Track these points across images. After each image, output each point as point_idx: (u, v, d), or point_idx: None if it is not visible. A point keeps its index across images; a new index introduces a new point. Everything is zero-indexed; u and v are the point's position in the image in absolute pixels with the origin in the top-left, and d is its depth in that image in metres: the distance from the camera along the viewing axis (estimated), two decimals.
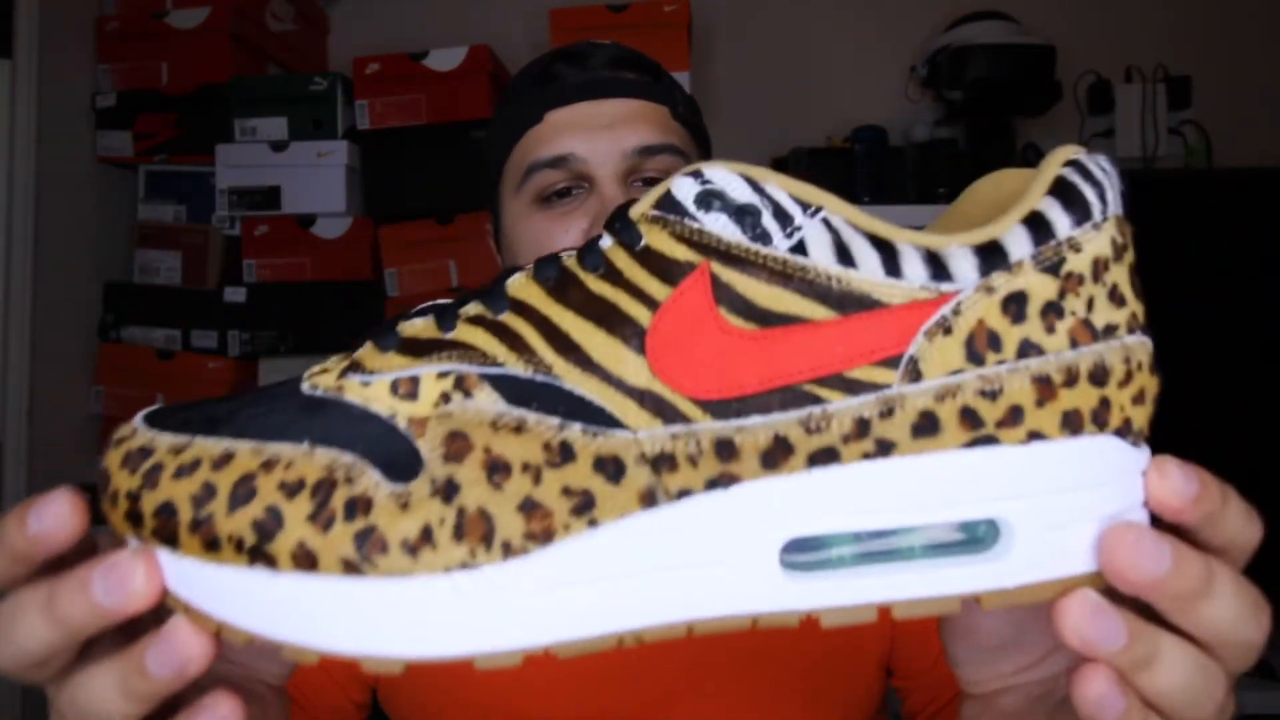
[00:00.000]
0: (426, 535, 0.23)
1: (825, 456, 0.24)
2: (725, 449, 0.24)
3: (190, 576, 0.24)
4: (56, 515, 0.25)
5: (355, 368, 0.26)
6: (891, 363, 0.24)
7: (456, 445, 0.24)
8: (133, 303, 1.68)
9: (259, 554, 0.23)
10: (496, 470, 0.24)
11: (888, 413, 0.24)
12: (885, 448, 0.24)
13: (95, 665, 0.25)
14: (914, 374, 0.24)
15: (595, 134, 0.59)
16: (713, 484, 0.24)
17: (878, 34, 1.88)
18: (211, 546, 0.24)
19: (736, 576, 0.24)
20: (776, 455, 0.24)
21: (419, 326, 0.26)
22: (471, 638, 0.23)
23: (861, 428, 0.24)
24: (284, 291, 1.64)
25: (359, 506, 0.24)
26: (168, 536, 0.24)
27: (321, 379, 0.26)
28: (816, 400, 0.24)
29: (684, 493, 0.24)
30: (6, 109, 1.48)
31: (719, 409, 0.24)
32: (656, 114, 0.61)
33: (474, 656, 0.23)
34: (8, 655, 0.25)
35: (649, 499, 0.24)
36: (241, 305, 1.65)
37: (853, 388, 0.24)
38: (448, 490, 0.24)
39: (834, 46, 1.89)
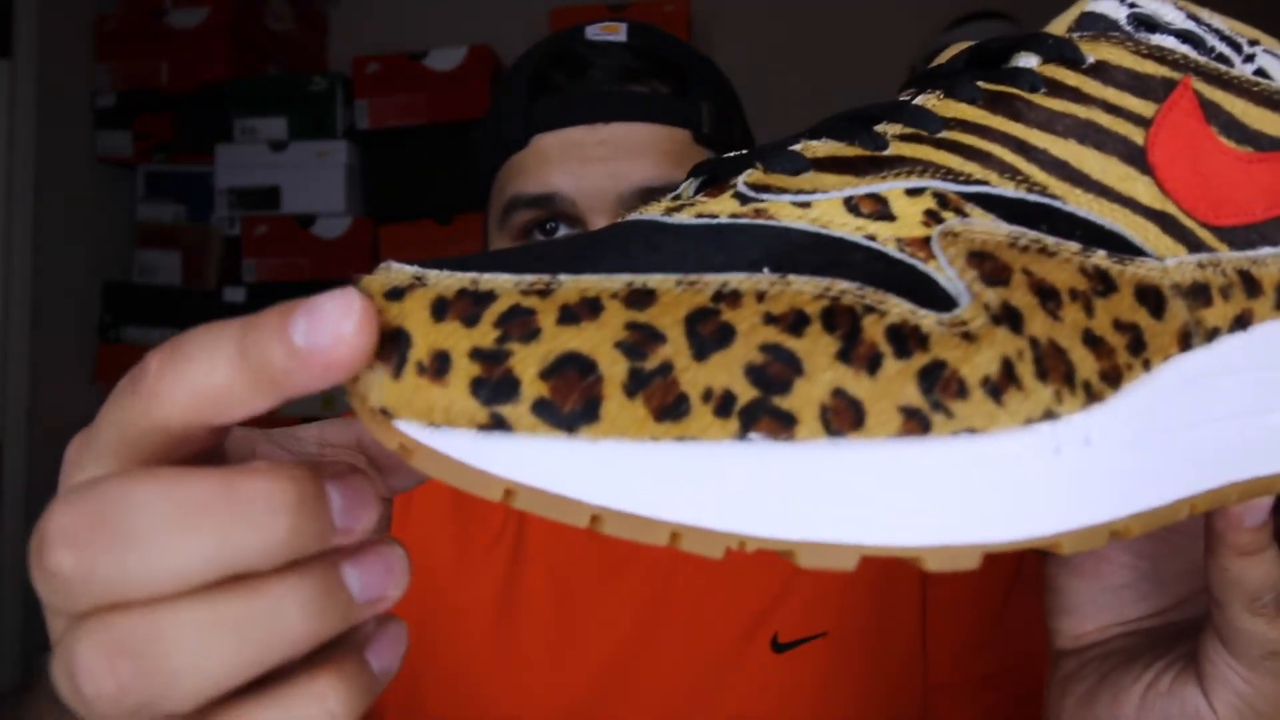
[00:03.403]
0: (1008, 373, 0.18)
1: None
2: (1249, 282, 0.22)
3: (615, 464, 0.16)
4: (339, 323, 0.17)
5: (762, 189, 0.21)
6: None
7: (989, 267, 0.19)
8: (132, 303, 1.68)
9: (763, 413, 0.17)
10: (1047, 296, 0.20)
11: None
12: None
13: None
14: None
15: (587, 168, 0.49)
16: (1237, 323, 0.22)
17: (877, 34, 1.88)
18: (669, 412, 0.16)
19: (1271, 429, 0.21)
20: None
21: (826, 147, 0.22)
22: (1064, 511, 0.18)
23: None
24: (284, 291, 1.63)
25: (909, 337, 0.18)
26: (579, 407, 0.16)
27: (712, 206, 0.21)
28: None
29: (1214, 332, 0.21)
30: (6, 109, 1.48)
31: (1234, 237, 0.22)
32: (670, 140, 0.51)
33: (1062, 536, 0.18)
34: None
35: (1185, 338, 0.21)
36: (241, 305, 1.65)
37: None
38: (1011, 317, 0.19)
39: (834, 46, 1.89)
